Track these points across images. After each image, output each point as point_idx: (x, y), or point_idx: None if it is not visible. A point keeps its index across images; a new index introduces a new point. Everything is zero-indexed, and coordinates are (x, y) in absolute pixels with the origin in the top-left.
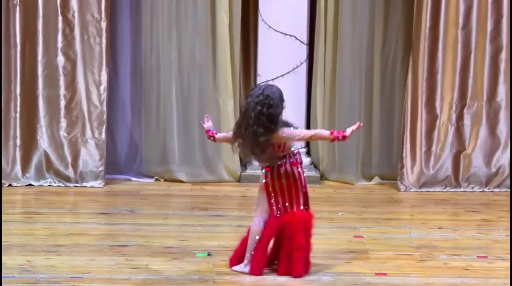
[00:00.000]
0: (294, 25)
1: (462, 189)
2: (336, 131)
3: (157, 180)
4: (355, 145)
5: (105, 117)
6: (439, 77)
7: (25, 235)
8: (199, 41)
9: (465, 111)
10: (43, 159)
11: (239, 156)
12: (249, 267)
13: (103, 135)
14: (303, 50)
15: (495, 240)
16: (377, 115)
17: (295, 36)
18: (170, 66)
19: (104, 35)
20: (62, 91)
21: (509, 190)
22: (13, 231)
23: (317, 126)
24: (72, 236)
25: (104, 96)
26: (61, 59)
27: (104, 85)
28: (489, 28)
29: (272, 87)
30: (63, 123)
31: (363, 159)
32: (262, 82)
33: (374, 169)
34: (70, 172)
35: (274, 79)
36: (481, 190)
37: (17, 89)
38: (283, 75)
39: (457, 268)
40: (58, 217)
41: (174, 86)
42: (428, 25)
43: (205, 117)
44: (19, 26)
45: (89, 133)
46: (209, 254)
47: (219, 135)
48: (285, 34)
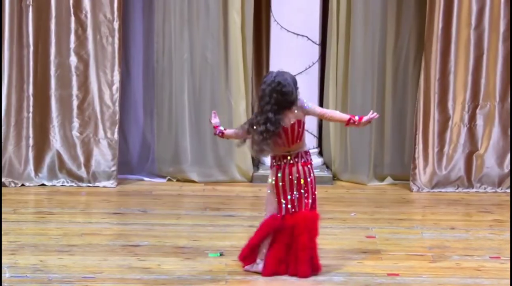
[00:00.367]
0: (306, 26)
1: (474, 190)
2: (354, 117)
3: (169, 180)
4: (367, 145)
5: (117, 118)
6: (452, 77)
7: (38, 235)
8: (211, 42)
9: (477, 111)
10: (55, 159)
11: (252, 157)
12: (261, 266)
13: (116, 136)
14: (316, 50)
15: (508, 241)
16: (390, 115)
17: (307, 36)
18: (182, 66)
19: (116, 35)
20: (74, 91)
21: None
22: (26, 231)
23: (329, 126)
24: (84, 236)
25: (116, 96)
26: (73, 60)
27: (116, 86)
28: (502, 28)
29: (284, 74)
30: (76, 124)
31: (375, 159)
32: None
33: (386, 169)
34: (82, 172)
35: None
36: (494, 190)
37: (30, 90)
38: (295, 76)
39: (469, 268)
40: (70, 217)
41: (186, 86)
42: (440, 25)
43: (213, 113)
44: (32, 26)
45: (101, 133)
46: (221, 254)
47: (228, 131)
48: (297, 34)
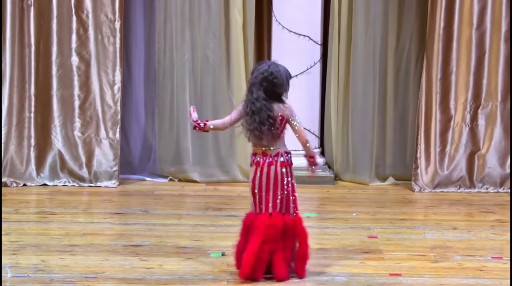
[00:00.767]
0: (307, 25)
1: (476, 190)
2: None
3: (171, 180)
4: (369, 145)
5: (119, 117)
6: (453, 77)
7: (40, 235)
8: (212, 42)
9: (479, 111)
10: (57, 159)
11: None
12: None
13: (117, 135)
14: (317, 50)
15: (510, 241)
16: (391, 115)
17: (308, 36)
18: (183, 66)
19: (118, 35)
20: (76, 91)
21: None
22: (28, 231)
23: (331, 126)
24: (86, 236)
25: (118, 96)
26: (75, 60)
27: (118, 85)
28: (504, 28)
29: (278, 66)
30: (77, 123)
31: (377, 160)
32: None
33: (388, 170)
34: (84, 172)
35: None
36: (496, 190)
37: (31, 89)
38: (297, 76)
39: (472, 268)
40: (72, 217)
41: (187, 86)
42: (442, 25)
43: (192, 107)
44: (33, 26)
45: (103, 133)
46: (223, 254)
47: (210, 123)
48: (299, 34)
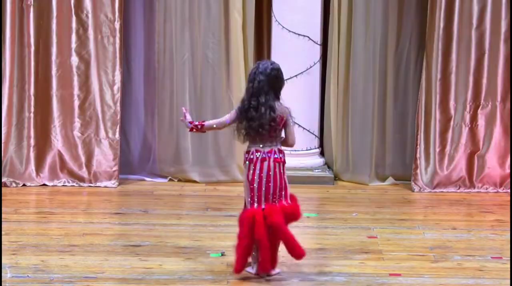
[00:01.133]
0: (307, 26)
1: (476, 190)
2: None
3: (170, 180)
4: (368, 145)
5: (118, 117)
6: (453, 77)
7: (39, 235)
8: (212, 41)
9: (479, 111)
10: (57, 159)
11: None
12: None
13: (117, 135)
14: (317, 50)
15: (509, 241)
16: (391, 115)
17: (308, 36)
18: (183, 66)
19: (117, 35)
20: (76, 91)
21: None
22: (27, 231)
23: (330, 126)
24: (86, 236)
25: (118, 96)
26: (75, 59)
27: (117, 85)
28: (503, 28)
29: (274, 63)
30: (77, 123)
31: (377, 160)
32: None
33: (387, 170)
34: (84, 172)
35: (287, 79)
36: (495, 190)
37: (31, 89)
38: (296, 76)
39: (471, 269)
40: (72, 217)
41: (187, 86)
42: (441, 25)
43: (184, 109)
44: (33, 26)
45: (103, 133)
46: (222, 254)
47: (208, 123)
48: (299, 34)
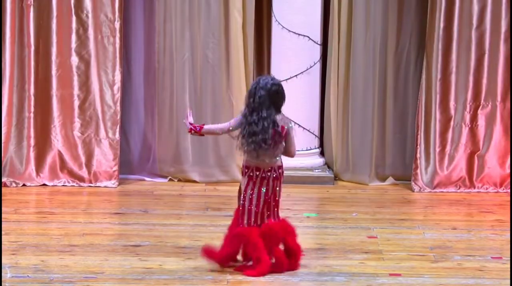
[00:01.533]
0: (307, 26)
1: (476, 190)
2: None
3: (170, 180)
4: (368, 145)
5: (118, 117)
6: (453, 77)
7: (39, 235)
8: (212, 41)
9: (479, 111)
10: (57, 159)
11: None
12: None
13: (117, 135)
14: (317, 50)
15: (509, 241)
16: (391, 115)
17: (308, 36)
18: (183, 66)
19: (117, 35)
20: (76, 91)
21: None
22: (27, 231)
23: (330, 126)
24: (85, 236)
25: (118, 96)
26: (75, 59)
27: (118, 85)
28: (503, 28)
29: (275, 79)
30: (77, 123)
31: (377, 160)
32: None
33: (387, 170)
34: (84, 172)
35: (287, 79)
36: (495, 190)
37: (31, 89)
38: (296, 76)
39: (471, 269)
40: (72, 217)
41: (187, 86)
42: (441, 25)
43: (189, 111)
44: (33, 26)
45: (103, 133)
46: None
47: (207, 127)
48: (299, 34)
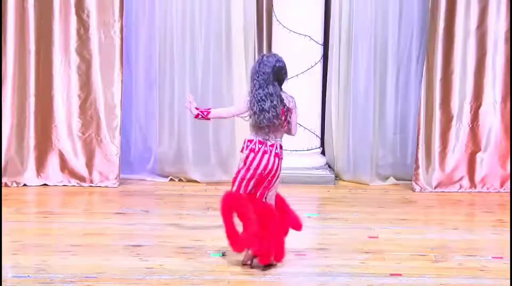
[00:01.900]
0: (308, 25)
1: (477, 190)
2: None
3: (171, 180)
4: (369, 145)
5: (119, 117)
6: (454, 77)
7: (40, 235)
8: (212, 41)
9: (480, 111)
10: (58, 159)
11: None
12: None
13: (118, 135)
14: (318, 50)
15: (510, 241)
16: (392, 115)
17: (309, 36)
18: (184, 66)
19: (118, 35)
20: (77, 91)
21: None
22: (28, 231)
23: (331, 126)
24: (86, 236)
25: (118, 96)
26: (75, 59)
27: (118, 85)
28: (504, 28)
29: (277, 55)
30: (78, 123)
31: (378, 159)
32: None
33: (388, 170)
34: (85, 172)
35: (288, 79)
36: (496, 190)
37: (32, 89)
38: (297, 75)
39: (472, 269)
40: (73, 217)
41: (188, 86)
42: (442, 25)
43: (191, 96)
44: (34, 26)
45: (104, 133)
46: (223, 254)
47: (214, 110)
48: (300, 34)
